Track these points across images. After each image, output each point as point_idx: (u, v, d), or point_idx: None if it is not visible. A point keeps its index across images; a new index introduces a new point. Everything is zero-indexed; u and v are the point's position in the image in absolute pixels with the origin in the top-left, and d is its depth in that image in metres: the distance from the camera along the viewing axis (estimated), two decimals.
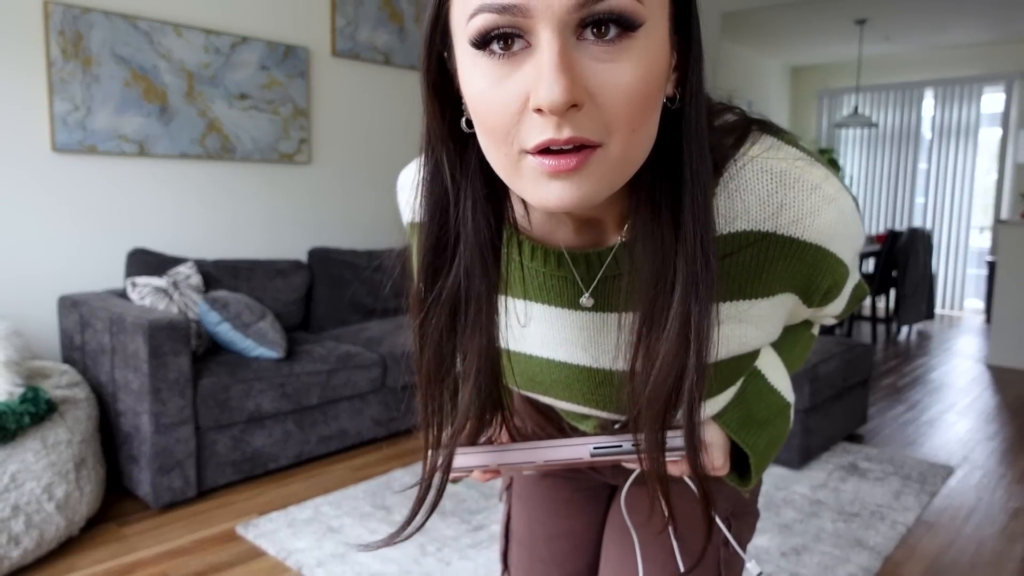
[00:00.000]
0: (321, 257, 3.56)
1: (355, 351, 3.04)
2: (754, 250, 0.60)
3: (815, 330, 0.88)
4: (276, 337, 2.81)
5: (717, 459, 0.73)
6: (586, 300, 0.64)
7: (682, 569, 0.83)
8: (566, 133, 0.48)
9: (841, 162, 7.90)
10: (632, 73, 0.48)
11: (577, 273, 0.64)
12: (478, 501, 2.58)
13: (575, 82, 0.46)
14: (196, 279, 2.94)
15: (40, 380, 2.39)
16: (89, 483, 2.26)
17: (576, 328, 0.68)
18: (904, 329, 6.21)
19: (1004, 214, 6.81)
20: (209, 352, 2.81)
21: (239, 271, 3.22)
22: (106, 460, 2.61)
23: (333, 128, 3.90)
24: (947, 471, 2.95)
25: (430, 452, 0.65)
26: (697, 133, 0.54)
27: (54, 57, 2.82)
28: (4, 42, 2.74)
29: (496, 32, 0.47)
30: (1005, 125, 6.81)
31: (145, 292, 2.70)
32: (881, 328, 6.28)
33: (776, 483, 2.79)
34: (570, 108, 0.47)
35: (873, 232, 7.74)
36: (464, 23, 0.49)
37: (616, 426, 0.78)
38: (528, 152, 0.50)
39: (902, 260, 5.70)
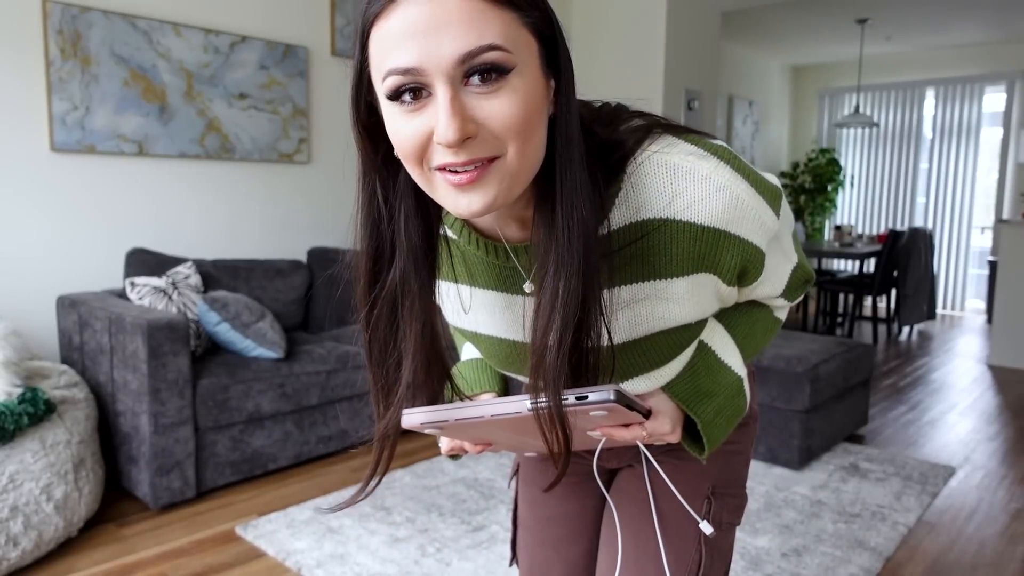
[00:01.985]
0: (321, 257, 3.56)
1: (355, 351, 3.04)
2: (658, 235, 0.70)
3: (780, 315, 0.95)
4: (275, 337, 2.80)
5: (664, 425, 0.80)
6: (528, 286, 0.76)
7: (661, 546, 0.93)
8: (462, 157, 0.61)
9: (842, 162, 7.90)
10: (510, 103, 0.61)
11: (519, 263, 0.76)
12: (478, 502, 2.58)
13: (465, 120, 0.60)
14: (195, 279, 2.93)
15: (39, 380, 2.38)
16: (88, 484, 2.25)
17: (517, 309, 0.80)
18: (905, 329, 6.20)
19: (1005, 214, 6.80)
20: (208, 352, 2.80)
21: (238, 271, 3.21)
22: (105, 461, 2.60)
23: (333, 128, 3.90)
24: (948, 472, 2.95)
25: (379, 418, 0.77)
26: (568, 140, 0.66)
27: (53, 56, 2.82)
28: (3, 41, 2.73)
29: (403, 88, 0.61)
30: (1006, 125, 6.80)
31: (144, 292, 2.70)
32: (882, 328, 6.27)
33: (777, 484, 2.78)
34: (465, 140, 0.60)
35: (874, 232, 7.73)
36: (380, 82, 0.62)
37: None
38: (436, 170, 0.63)
39: (903, 260, 5.69)
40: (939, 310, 7.31)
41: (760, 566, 2.16)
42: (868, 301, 7.70)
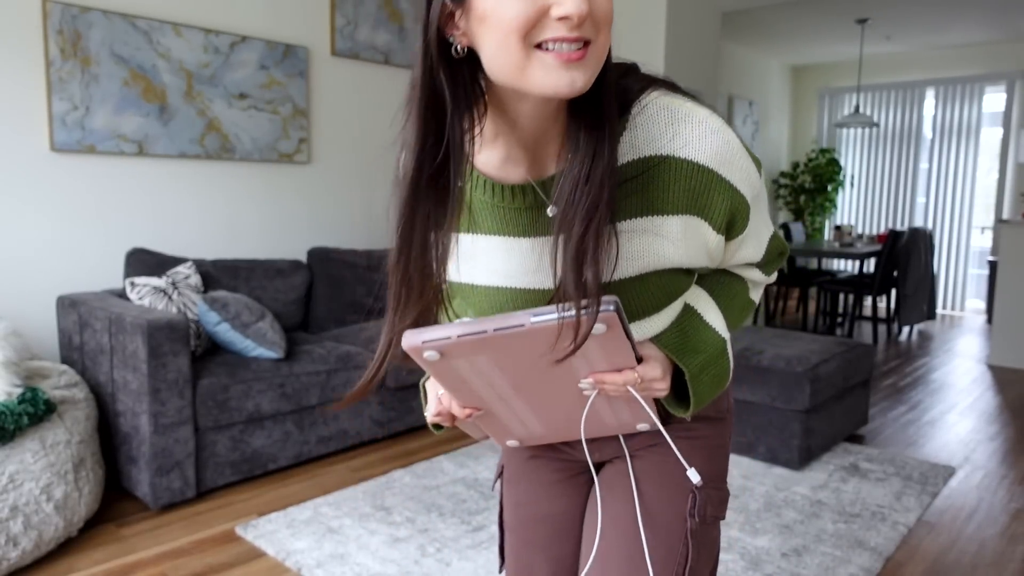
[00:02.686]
0: (320, 257, 3.56)
1: (355, 351, 3.04)
2: (658, 171, 0.77)
3: (755, 295, 1.00)
4: (275, 337, 2.80)
5: (656, 371, 0.82)
6: (551, 210, 0.78)
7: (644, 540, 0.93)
8: (575, 34, 0.65)
9: (842, 162, 7.90)
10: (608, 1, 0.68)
11: (525, 203, 0.80)
12: (478, 502, 2.58)
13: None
14: (195, 279, 2.93)
15: (39, 380, 2.38)
16: (88, 484, 2.25)
17: (523, 254, 0.82)
18: (905, 329, 6.20)
19: (1005, 214, 6.80)
20: (208, 352, 2.80)
21: (238, 271, 3.21)
22: (105, 461, 2.61)
23: (333, 128, 3.90)
24: (948, 472, 2.95)
25: (386, 329, 0.80)
26: (608, 63, 0.72)
27: (53, 56, 2.82)
28: (2, 41, 2.73)
29: None
30: (1006, 124, 6.80)
31: (144, 292, 2.70)
32: (882, 328, 6.27)
33: (777, 484, 2.78)
34: (583, 18, 0.64)
35: (874, 232, 7.73)
36: None
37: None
38: (539, 49, 0.66)
39: (903, 260, 5.69)
40: (939, 310, 7.31)
41: (760, 566, 2.16)
42: (868, 301, 7.70)
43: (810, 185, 7.79)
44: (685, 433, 0.96)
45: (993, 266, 6.35)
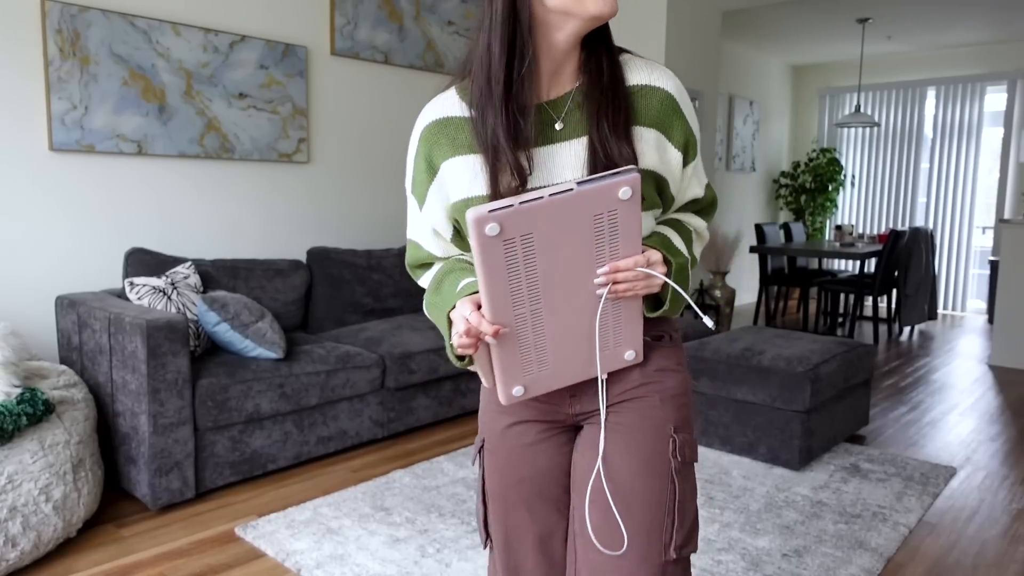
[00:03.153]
0: (320, 257, 3.55)
1: (354, 351, 3.03)
2: (640, 94, 1.03)
3: (697, 250, 1.16)
4: (275, 337, 2.79)
5: (656, 255, 0.97)
6: (559, 124, 1.02)
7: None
8: None
9: (843, 161, 7.89)
10: None
11: (538, 119, 1.01)
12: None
13: None
14: (194, 279, 2.93)
15: (38, 381, 2.38)
16: (87, 484, 2.25)
17: (543, 156, 1.02)
18: (906, 329, 6.19)
19: (1007, 213, 6.79)
20: (208, 352, 2.80)
21: (238, 271, 3.20)
22: (104, 461, 2.60)
23: (332, 127, 3.89)
24: (949, 472, 2.94)
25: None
26: (609, 29, 1.04)
27: (52, 56, 2.81)
28: (1, 40, 2.73)
29: None
30: (1008, 124, 6.79)
31: (143, 292, 2.69)
32: (883, 328, 6.27)
33: (777, 484, 2.78)
34: None
35: (875, 232, 7.72)
36: None
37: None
38: None
39: (904, 260, 5.68)
40: (940, 310, 7.30)
41: (760, 567, 2.16)
42: (869, 301, 7.70)
43: (811, 185, 7.78)
44: (656, 383, 1.08)
45: (994, 266, 6.34)
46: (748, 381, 2.97)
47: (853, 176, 7.84)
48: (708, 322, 0.89)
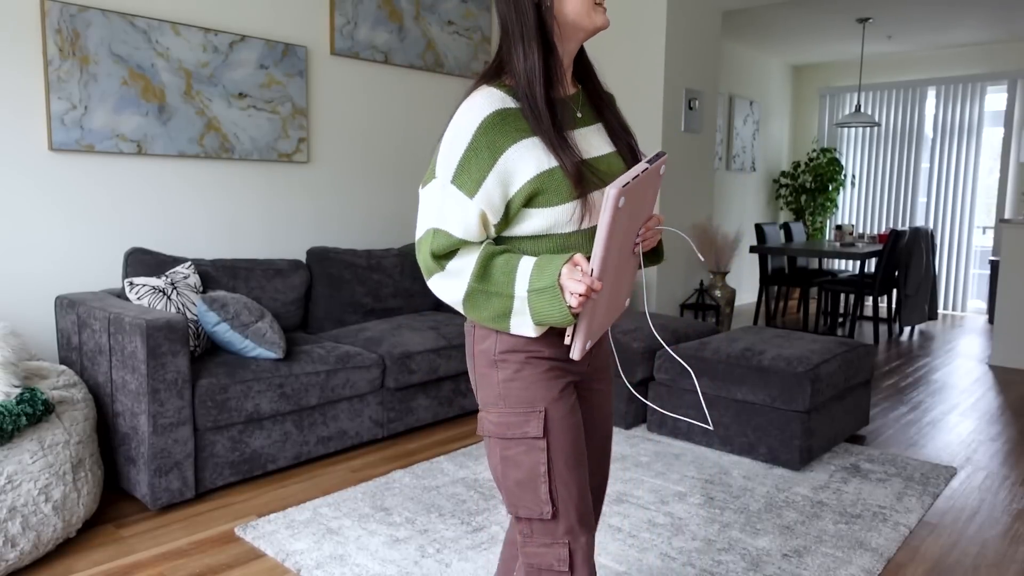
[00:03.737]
0: (320, 257, 3.55)
1: (354, 351, 3.03)
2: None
3: None
4: (275, 337, 2.79)
5: (661, 216, 1.26)
6: (579, 113, 1.27)
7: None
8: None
9: (843, 161, 7.88)
10: None
11: (567, 109, 1.25)
12: (478, 502, 2.57)
13: None
14: (194, 279, 2.93)
15: (37, 381, 2.37)
16: (86, 484, 2.25)
17: (578, 137, 1.26)
18: (906, 329, 6.19)
19: (1007, 213, 6.78)
20: (207, 352, 2.79)
21: (238, 271, 3.20)
22: (104, 461, 2.60)
23: (332, 127, 3.89)
24: (950, 472, 2.94)
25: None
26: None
27: (51, 55, 2.81)
28: (1, 41, 2.73)
29: None
30: (1008, 124, 6.78)
31: (143, 292, 2.69)
32: (883, 328, 6.26)
33: (777, 484, 2.78)
34: None
35: (875, 232, 7.72)
36: None
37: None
38: (596, 3, 1.20)
39: (904, 260, 5.67)
40: (940, 310, 7.30)
41: (761, 567, 2.16)
42: (869, 301, 7.69)
43: (811, 185, 7.78)
44: (606, 368, 1.41)
45: (995, 266, 6.34)
46: (748, 381, 2.97)
47: (853, 176, 7.83)
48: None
